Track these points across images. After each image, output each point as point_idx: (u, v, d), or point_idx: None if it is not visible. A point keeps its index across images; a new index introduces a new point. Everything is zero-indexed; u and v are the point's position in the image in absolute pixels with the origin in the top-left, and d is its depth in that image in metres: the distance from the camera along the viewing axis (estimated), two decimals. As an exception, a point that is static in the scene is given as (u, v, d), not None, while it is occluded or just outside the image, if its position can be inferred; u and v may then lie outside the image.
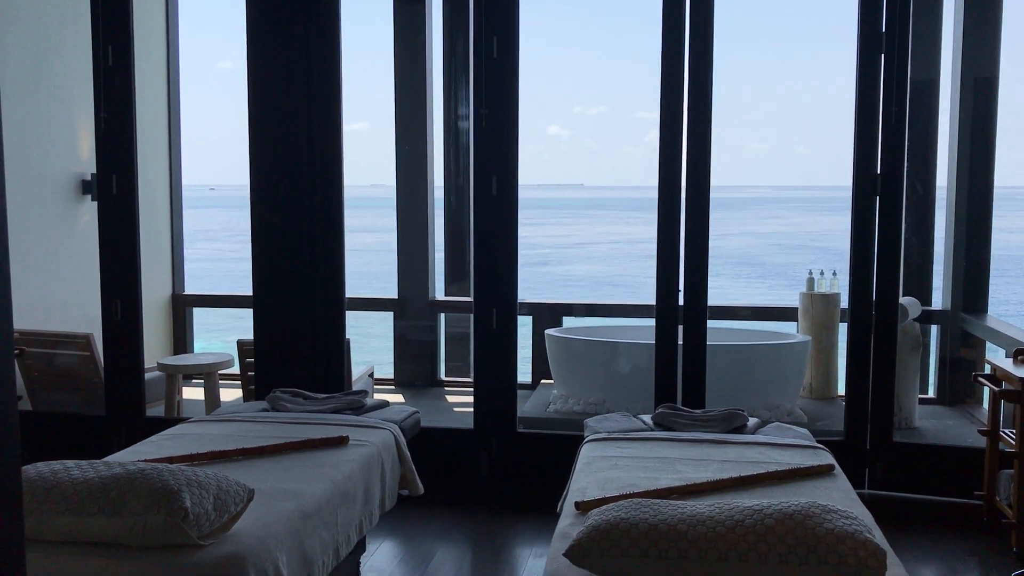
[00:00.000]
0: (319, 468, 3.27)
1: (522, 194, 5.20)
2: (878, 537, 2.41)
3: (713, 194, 5.02)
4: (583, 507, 2.82)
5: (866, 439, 5.03)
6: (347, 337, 5.52)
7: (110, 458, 3.30)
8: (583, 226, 45.78)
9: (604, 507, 2.45)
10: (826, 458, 3.45)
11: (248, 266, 5.31)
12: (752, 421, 3.99)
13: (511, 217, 5.09)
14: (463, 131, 8.02)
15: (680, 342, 5.08)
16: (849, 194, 4.99)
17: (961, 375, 6.98)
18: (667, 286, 5.06)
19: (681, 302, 5.05)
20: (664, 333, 5.09)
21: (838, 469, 3.31)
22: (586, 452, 3.57)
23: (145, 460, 3.18)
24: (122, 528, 2.48)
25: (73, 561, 2.48)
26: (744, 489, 3.03)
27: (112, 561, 2.47)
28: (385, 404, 4.32)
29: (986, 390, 4.67)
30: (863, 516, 2.73)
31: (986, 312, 7.02)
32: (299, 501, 2.93)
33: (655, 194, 5.05)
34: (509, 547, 4.64)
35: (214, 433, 3.70)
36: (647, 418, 4.06)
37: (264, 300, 5.33)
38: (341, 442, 3.57)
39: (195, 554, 2.49)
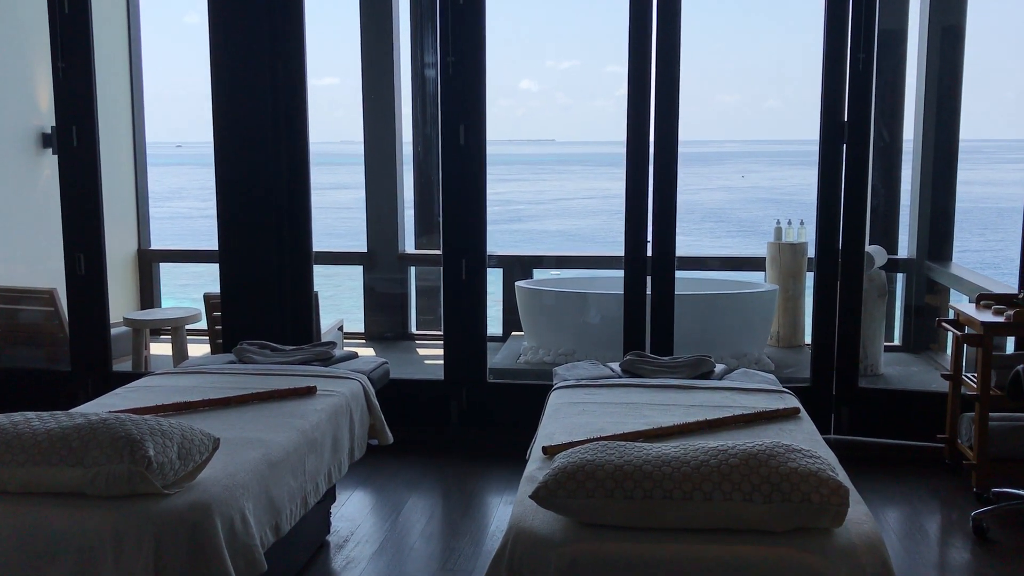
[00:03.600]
0: (286, 418, 3.26)
1: (493, 150, 5.17)
2: (841, 476, 2.44)
3: (683, 148, 5.01)
4: (550, 451, 2.83)
5: (832, 385, 5.08)
6: (315, 290, 5.49)
7: (74, 410, 3.26)
8: (556, 182, 45.65)
9: (570, 450, 2.45)
10: (791, 402, 3.48)
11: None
12: (719, 367, 4.02)
13: (479, 166, 5.05)
14: (430, 79, 7.94)
15: (648, 292, 5.10)
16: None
17: (926, 322, 7.07)
18: (635, 237, 5.06)
19: (650, 252, 5.06)
20: (633, 283, 5.10)
21: (803, 413, 3.34)
22: (554, 399, 3.58)
23: (110, 411, 3.15)
24: (84, 478, 2.46)
25: (35, 512, 2.46)
26: (710, 432, 3.06)
27: (75, 511, 2.45)
28: (354, 355, 4.31)
29: (950, 335, 4.73)
30: (827, 456, 2.76)
31: (951, 260, 7.09)
32: (266, 450, 2.92)
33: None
34: (480, 495, 4.67)
35: (180, 385, 3.67)
36: (615, 365, 4.07)
37: (230, 253, 5.28)
38: (309, 392, 3.56)
39: (160, 503, 2.47)
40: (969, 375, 4.51)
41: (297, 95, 5.18)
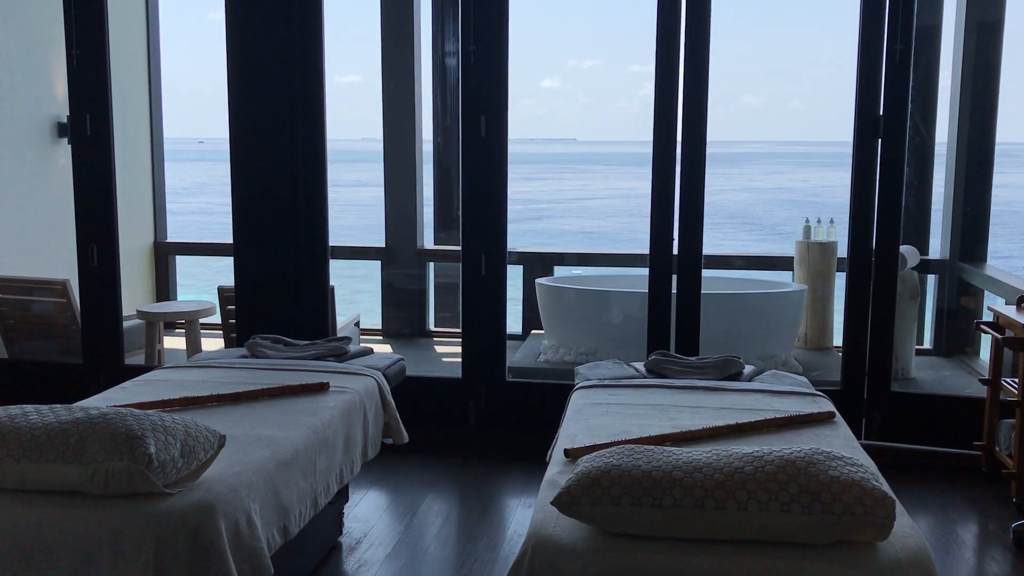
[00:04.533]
0: (297, 415, 3.12)
1: (515, 148, 5.04)
2: (885, 486, 2.27)
3: (707, 148, 4.86)
4: (572, 454, 2.68)
5: (863, 388, 4.91)
6: (331, 285, 5.37)
7: (76, 404, 3.14)
8: (577, 181, 45.43)
9: (594, 454, 2.30)
10: (826, 406, 3.32)
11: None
12: (748, 368, 3.85)
13: (500, 159, 4.92)
14: (451, 70, 7.80)
15: (674, 291, 4.95)
16: (844, 149, 4.82)
17: (959, 325, 6.86)
18: (661, 234, 4.90)
19: (675, 251, 4.90)
20: (658, 281, 4.94)
21: (839, 417, 3.18)
22: (576, 399, 3.43)
23: (113, 406, 3.03)
24: (83, 475, 2.33)
25: (31, 510, 2.34)
26: (741, 436, 2.90)
27: (72, 510, 2.33)
28: (369, 351, 4.17)
29: (985, 340, 4.54)
30: (867, 464, 2.60)
31: (985, 262, 6.88)
32: (274, 448, 2.79)
33: (649, 149, 4.89)
34: (498, 496, 4.52)
35: (189, 379, 3.55)
36: (639, 365, 3.91)
37: (245, 247, 5.17)
38: (321, 388, 3.42)
39: (161, 503, 2.34)
40: (1009, 380, 4.33)
41: (314, 89, 5.06)
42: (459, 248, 5.05)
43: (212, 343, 6.73)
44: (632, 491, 2.11)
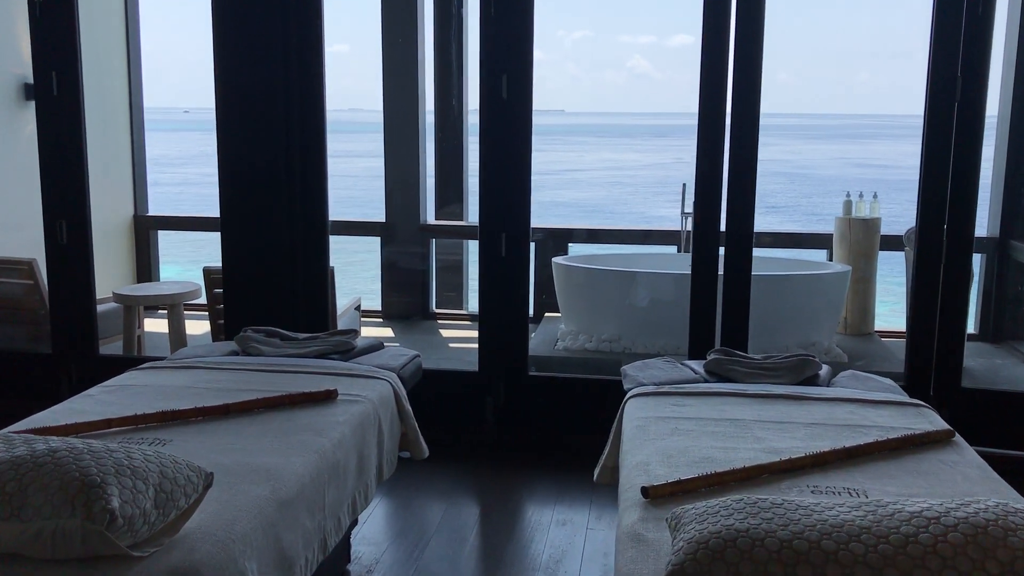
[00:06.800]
0: (301, 434, 2.55)
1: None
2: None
3: (691, 121, 4.32)
4: (653, 493, 2.13)
5: (930, 384, 4.38)
6: (331, 266, 4.79)
7: (16, 429, 2.53)
8: (566, 153, 44.78)
9: (702, 507, 1.75)
10: (936, 420, 2.78)
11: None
12: (824, 369, 3.31)
13: (524, 124, 4.33)
14: (463, 25, 7.16)
15: (720, 272, 4.40)
16: (831, 122, 4.31)
17: (1009, 308, 6.33)
18: (708, 212, 4.33)
19: (723, 227, 4.34)
20: (703, 264, 4.38)
21: (958, 436, 2.64)
22: (633, 410, 2.87)
23: (74, 424, 2.46)
24: (23, 536, 1.76)
25: (-46, 582, 1.77)
26: (854, 464, 2.35)
27: (9, 582, 1.76)
28: (379, 345, 3.60)
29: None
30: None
31: (1037, 240, 6.34)
32: (274, 483, 2.22)
33: (638, 120, 4.45)
34: (525, 510, 3.96)
35: (169, 384, 2.97)
36: (696, 365, 3.35)
37: (234, 223, 4.58)
38: (328, 397, 2.85)
39: (128, 569, 1.77)
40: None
41: (312, 52, 4.46)
42: (463, 224, 4.47)
43: (197, 326, 6.14)
44: (769, 569, 1.55)
